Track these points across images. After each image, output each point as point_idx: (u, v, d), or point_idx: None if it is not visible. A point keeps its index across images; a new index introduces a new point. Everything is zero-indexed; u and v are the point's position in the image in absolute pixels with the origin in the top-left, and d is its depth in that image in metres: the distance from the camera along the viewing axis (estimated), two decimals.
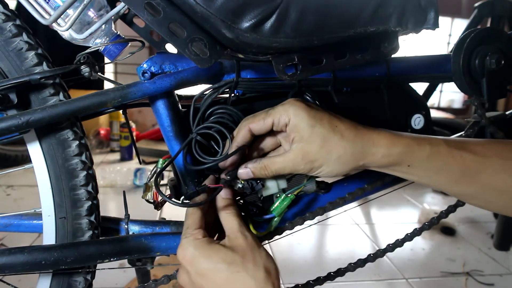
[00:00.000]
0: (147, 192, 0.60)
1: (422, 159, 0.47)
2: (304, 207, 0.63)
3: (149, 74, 0.54)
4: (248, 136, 0.49)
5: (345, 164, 0.47)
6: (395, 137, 0.47)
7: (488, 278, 1.56)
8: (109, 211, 1.95)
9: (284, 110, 0.47)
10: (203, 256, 0.44)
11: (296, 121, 0.46)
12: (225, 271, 0.43)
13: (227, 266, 0.43)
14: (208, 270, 0.43)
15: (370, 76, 0.65)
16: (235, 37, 0.44)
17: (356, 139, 0.46)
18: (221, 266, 0.43)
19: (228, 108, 0.56)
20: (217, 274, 0.43)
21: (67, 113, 0.53)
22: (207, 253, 0.44)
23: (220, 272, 0.43)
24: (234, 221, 0.47)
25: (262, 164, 0.49)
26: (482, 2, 1.56)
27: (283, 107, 0.47)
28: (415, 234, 0.66)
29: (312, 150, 0.46)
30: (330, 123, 0.46)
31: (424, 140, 0.47)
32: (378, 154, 0.46)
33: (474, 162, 0.47)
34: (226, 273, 0.43)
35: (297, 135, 0.46)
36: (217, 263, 0.43)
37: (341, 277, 0.62)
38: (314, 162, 0.46)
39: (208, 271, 0.44)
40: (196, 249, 0.44)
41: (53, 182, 0.57)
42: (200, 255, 0.44)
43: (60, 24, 0.52)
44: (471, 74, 0.62)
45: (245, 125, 0.49)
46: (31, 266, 0.53)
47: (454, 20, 3.95)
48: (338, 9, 0.47)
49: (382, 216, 2.14)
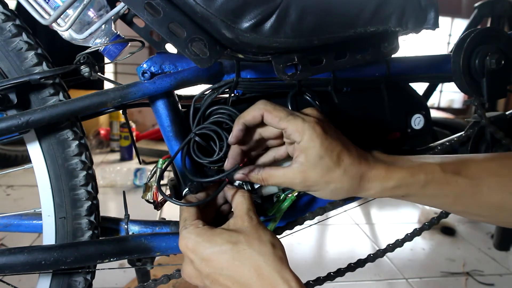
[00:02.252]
0: (147, 192, 0.60)
1: (417, 189, 0.48)
2: (304, 207, 0.63)
3: (149, 74, 0.54)
4: (259, 119, 0.48)
5: (338, 194, 0.48)
6: (390, 171, 0.47)
7: (488, 278, 1.56)
8: (109, 211, 1.95)
9: (302, 129, 0.45)
10: (207, 241, 0.44)
11: (307, 146, 0.45)
12: (230, 252, 0.42)
13: (232, 246, 0.43)
14: (213, 253, 0.43)
15: (370, 76, 0.65)
16: (235, 37, 0.44)
17: (356, 177, 0.47)
18: (226, 247, 0.43)
19: (227, 108, 0.56)
20: (222, 256, 0.43)
21: (67, 113, 0.53)
22: (210, 237, 0.44)
23: (226, 253, 0.43)
24: (245, 203, 0.47)
25: (260, 176, 0.49)
26: (482, 2, 1.56)
27: (303, 125, 0.45)
28: (415, 234, 0.66)
29: (312, 177, 0.46)
30: (339, 157, 0.46)
31: (419, 169, 0.48)
32: (371, 189, 0.48)
33: (469, 186, 0.47)
34: (231, 253, 0.42)
35: (304, 158, 0.46)
36: (221, 245, 0.43)
37: (341, 277, 0.62)
38: (310, 186, 0.47)
39: (213, 255, 0.43)
40: (199, 236, 0.44)
41: (53, 182, 0.57)
42: (203, 241, 0.44)
43: (60, 24, 0.52)
44: (471, 74, 0.62)
45: (261, 108, 0.47)
46: (31, 266, 0.53)
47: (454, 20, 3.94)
48: (338, 9, 0.47)
49: (382, 216, 2.14)
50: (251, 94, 0.60)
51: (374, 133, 0.67)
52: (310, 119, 0.46)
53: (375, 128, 0.67)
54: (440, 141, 0.71)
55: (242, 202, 0.48)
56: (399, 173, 0.47)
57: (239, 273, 0.42)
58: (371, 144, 0.68)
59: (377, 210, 2.21)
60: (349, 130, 0.65)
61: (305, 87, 0.60)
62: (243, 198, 0.48)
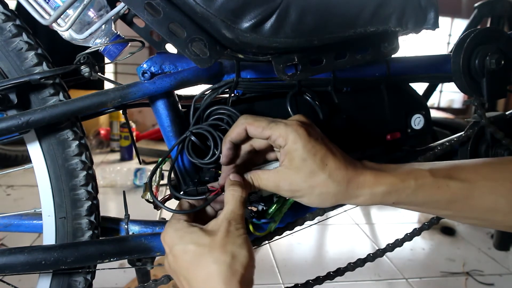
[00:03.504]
0: (147, 192, 0.60)
1: (407, 195, 0.47)
2: (304, 207, 0.63)
3: (149, 74, 0.54)
4: (242, 135, 0.48)
5: (325, 200, 0.47)
6: (380, 177, 0.46)
7: (488, 278, 1.56)
8: (109, 211, 1.95)
9: (285, 133, 0.45)
10: (179, 236, 0.44)
11: (290, 149, 0.45)
12: (192, 253, 0.42)
13: (195, 248, 0.42)
14: (179, 250, 0.43)
15: (370, 76, 0.65)
16: (235, 37, 0.44)
17: (342, 182, 0.45)
18: (190, 247, 0.42)
19: (227, 109, 0.56)
20: (185, 255, 0.43)
21: (67, 113, 0.53)
22: (182, 234, 0.44)
23: (187, 254, 0.42)
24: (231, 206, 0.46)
25: (248, 177, 0.49)
26: (482, 2, 1.56)
27: (286, 129, 0.45)
28: (415, 234, 0.66)
29: (296, 180, 0.45)
30: (322, 160, 0.45)
31: (409, 175, 0.47)
32: (360, 197, 0.47)
33: (461, 189, 0.47)
34: (192, 255, 0.42)
35: (288, 161, 0.46)
36: (187, 244, 0.43)
37: (341, 276, 0.62)
38: (295, 191, 0.46)
39: (178, 252, 0.43)
40: (175, 231, 0.44)
41: (53, 182, 0.57)
42: (176, 236, 0.44)
43: (60, 24, 0.52)
44: (471, 74, 0.62)
45: (243, 123, 0.48)
46: (31, 266, 0.53)
47: (454, 20, 3.94)
48: (338, 9, 0.47)
49: (382, 216, 2.14)
50: (251, 94, 0.60)
51: (374, 133, 0.67)
52: (292, 122, 0.46)
53: (375, 128, 0.67)
54: (440, 141, 0.71)
55: (228, 202, 0.47)
56: (388, 179, 0.46)
57: (193, 277, 0.42)
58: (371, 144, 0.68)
59: (377, 210, 2.21)
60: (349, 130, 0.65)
61: (305, 87, 0.60)
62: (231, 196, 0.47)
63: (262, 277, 1.43)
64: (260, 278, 1.42)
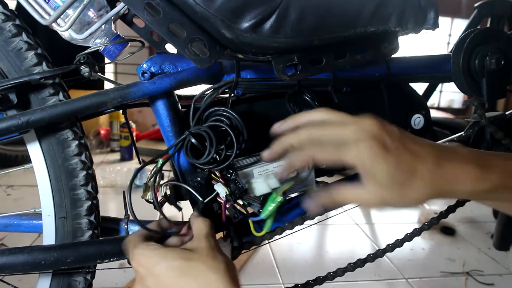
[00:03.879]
0: (147, 192, 0.60)
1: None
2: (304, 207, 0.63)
3: (149, 74, 0.54)
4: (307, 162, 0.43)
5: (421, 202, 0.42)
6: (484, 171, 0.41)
7: (488, 278, 1.56)
8: (109, 211, 1.95)
9: (359, 157, 0.40)
10: (159, 255, 0.43)
11: (372, 169, 0.40)
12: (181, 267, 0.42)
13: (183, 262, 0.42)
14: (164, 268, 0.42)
15: (370, 76, 0.65)
16: (235, 37, 0.44)
17: (438, 181, 0.40)
18: (178, 262, 0.42)
19: (226, 111, 0.55)
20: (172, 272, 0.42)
21: (67, 113, 0.53)
22: (163, 253, 0.43)
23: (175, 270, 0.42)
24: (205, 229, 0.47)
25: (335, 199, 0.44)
26: (482, 2, 1.56)
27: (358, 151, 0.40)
28: (415, 234, 0.65)
29: (388, 196, 0.40)
30: (410, 167, 0.40)
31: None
32: (458, 192, 0.41)
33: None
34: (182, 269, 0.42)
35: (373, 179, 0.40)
36: (173, 260, 0.42)
37: (341, 277, 0.62)
38: (389, 203, 0.41)
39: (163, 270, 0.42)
40: (152, 251, 0.44)
41: (52, 182, 0.57)
42: (156, 255, 0.43)
43: (60, 24, 0.52)
44: (471, 74, 0.62)
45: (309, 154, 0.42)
46: (31, 266, 0.53)
47: (454, 20, 3.94)
48: (338, 9, 0.47)
49: (382, 216, 2.14)
50: (251, 94, 0.60)
51: None
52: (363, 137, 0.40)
53: None
54: (440, 141, 0.71)
55: (202, 228, 0.47)
56: (495, 175, 0.40)
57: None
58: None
59: (377, 210, 2.21)
60: None
61: (305, 87, 0.60)
62: (203, 224, 0.48)
63: (262, 277, 1.43)
64: (260, 278, 1.42)
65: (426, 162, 0.40)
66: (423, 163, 0.40)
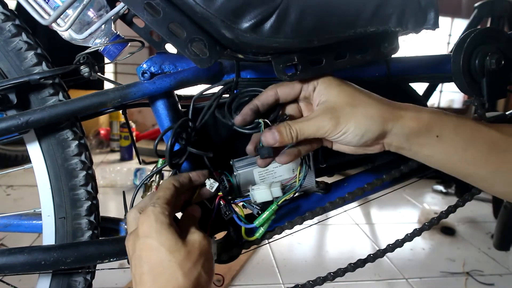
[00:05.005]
0: (147, 192, 0.60)
1: (450, 129, 0.46)
2: (303, 207, 0.63)
3: (148, 74, 0.54)
4: (271, 98, 0.50)
5: (372, 121, 0.45)
6: (421, 107, 0.47)
7: (488, 278, 1.56)
8: (109, 211, 1.95)
9: (314, 79, 0.49)
10: (157, 231, 0.43)
11: (324, 85, 0.48)
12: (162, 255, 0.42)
13: (167, 253, 0.42)
14: (151, 246, 0.43)
15: (370, 76, 0.65)
16: (235, 37, 0.44)
17: (383, 101, 0.47)
18: (162, 249, 0.42)
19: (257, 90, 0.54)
20: (154, 253, 0.42)
21: (66, 113, 0.53)
22: (161, 231, 0.43)
23: (158, 253, 0.42)
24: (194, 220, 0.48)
25: (286, 123, 0.47)
26: (482, 2, 1.56)
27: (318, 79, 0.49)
28: (415, 234, 0.65)
29: (338, 104, 0.46)
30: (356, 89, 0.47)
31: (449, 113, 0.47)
32: (406, 116, 0.46)
33: (501, 140, 0.46)
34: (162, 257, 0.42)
35: (324, 95, 0.47)
36: (161, 244, 0.42)
37: (341, 277, 0.62)
38: (339, 117, 0.45)
39: (149, 246, 0.43)
40: (157, 222, 0.43)
41: (52, 182, 0.57)
42: (155, 229, 0.43)
43: (59, 24, 0.52)
44: (471, 74, 0.62)
45: (273, 87, 0.50)
46: (31, 266, 0.53)
47: (454, 20, 3.94)
48: (338, 9, 0.47)
49: (382, 216, 2.14)
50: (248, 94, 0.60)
51: None
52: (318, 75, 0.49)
53: None
54: None
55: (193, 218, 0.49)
56: (431, 109, 0.47)
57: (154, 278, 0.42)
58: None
59: (377, 210, 2.21)
60: None
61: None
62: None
63: (262, 277, 1.43)
64: (260, 278, 1.42)
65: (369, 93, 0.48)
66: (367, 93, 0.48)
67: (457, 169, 0.48)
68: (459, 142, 0.46)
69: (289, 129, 0.46)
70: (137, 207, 0.50)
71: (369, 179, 0.63)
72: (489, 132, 0.46)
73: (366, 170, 0.68)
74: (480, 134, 0.46)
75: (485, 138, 0.46)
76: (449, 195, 2.51)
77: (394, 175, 0.61)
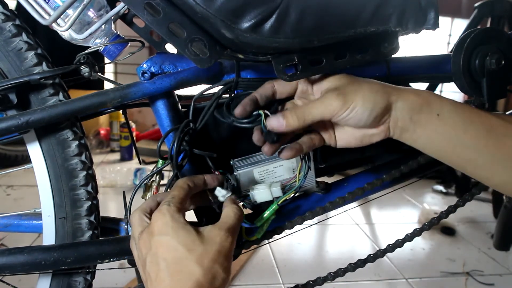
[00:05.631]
0: (147, 192, 0.60)
1: (449, 108, 0.46)
2: (303, 207, 0.63)
3: (149, 74, 0.54)
4: (269, 91, 0.51)
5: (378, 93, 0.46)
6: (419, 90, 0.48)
7: (488, 278, 1.56)
8: (109, 211, 1.95)
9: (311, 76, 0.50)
10: (173, 229, 0.43)
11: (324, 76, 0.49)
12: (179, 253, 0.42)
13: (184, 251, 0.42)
14: (168, 244, 0.42)
15: (370, 76, 0.64)
16: (235, 37, 0.44)
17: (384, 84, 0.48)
18: (180, 247, 0.42)
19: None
20: (171, 252, 0.42)
21: (67, 113, 0.53)
22: (178, 229, 0.43)
23: (175, 252, 0.42)
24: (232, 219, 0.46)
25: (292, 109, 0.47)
26: (482, 2, 1.56)
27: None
28: (415, 234, 0.65)
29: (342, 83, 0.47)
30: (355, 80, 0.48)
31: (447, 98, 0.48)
32: (407, 91, 0.48)
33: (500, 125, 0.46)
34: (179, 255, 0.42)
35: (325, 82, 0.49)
36: (179, 243, 0.42)
37: (341, 277, 0.62)
38: (346, 94, 0.46)
39: (166, 244, 0.42)
40: (173, 220, 0.43)
41: (53, 182, 0.57)
42: (171, 228, 0.43)
43: (60, 24, 0.52)
44: (471, 74, 0.62)
45: (271, 81, 0.52)
46: (31, 266, 0.53)
47: (454, 20, 3.94)
48: (338, 9, 0.47)
49: (382, 216, 2.14)
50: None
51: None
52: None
53: None
54: None
55: (231, 217, 0.46)
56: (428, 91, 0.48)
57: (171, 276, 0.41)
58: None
59: (377, 210, 2.21)
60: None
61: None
62: (233, 213, 0.47)
63: (262, 277, 1.43)
64: (260, 278, 1.42)
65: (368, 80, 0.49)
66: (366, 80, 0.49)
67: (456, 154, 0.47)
68: (458, 123, 0.46)
69: (294, 113, 0.46)
70: (141, 209, 0.49)
71: (369, 179, 0.63)
72: (487, 116, 0.46)
73: (366, 170, 0.68)
74: (479, 117, 0.46)
75: (483, 122, 0.46)
76: (449, 195, 2.51)
77: (394, 175, 0.61)
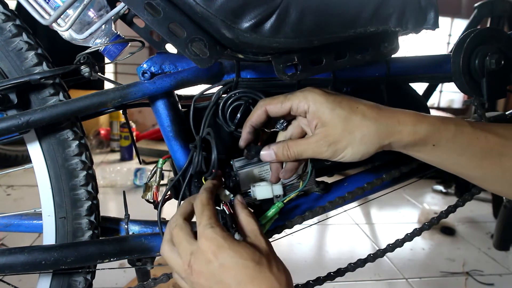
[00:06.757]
0: (147, 192, 0.60)
1: (447, 138, 0.46)
2: (303, 206, 0.63)
3: (149, 74, 0.54)
4: (263, 116, 0.50)
5: (370, 143, 0.46)
6: (420, 116, 0.47)
7: (488, 278, 1.56)
8: (109, 211, 1.95)
9: (303, 97, 0.47)
10: (232, 249, 0.43)
11: (315, 107, 0.46)
12: (251, 269, 0.42)
13: (255, 265, 0.42)
14: (237, 264, 0.42)
15: (370, 76, 0.65)
16: (235, 37, 0.44)
17: (379, 118, 0.46)
18: (250, 263, 0.42)
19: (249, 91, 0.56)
20: (243, 270, 0.42)
21: (67, 113, 0.53)
22: (235, 248, 0.43)
23: (247, 269, 0.42)
24: (255, 224, 0.47)
25: (285, 144, 0.49)
26: (482, 2, 1.56)
27: (302, 93, 0.47)
28: (415, 234, 0.66)
29: (334, 132, 0.46)
30: (350, 105, 0.46)
31: (449, 120, 0.47)
32: (404, 132, 0.46)
33: (497, 144, 0.46)
34: (252, 271, 0.42)
35: (319, 120, 0.47)
36: (246, 260, 0.42)
37: (341, 277, 0.62)
38: (337, 143, 0.46)
39: (236, 266, 0.42)
40: (225, 241, 0.43)
41: (53, 182, 0.57)
42: (229, 248, 0.43)
43: (60, 24, 0.52)
44: (471, 74, 0.62)
45: (262, 105, 0.50)
46: (31, 266, 0.53)
47: (454, 20, 3.94)
48: (338, 9, 0.47)
49: (382, 216, 2.14)
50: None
51: None
52: (306, 88, 0.48)
53: None
54: None
55: (253, 223, 0.47)
56: (430, 119, 0.46)
57: None
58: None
59: (377, 210, 2.21)
60: None
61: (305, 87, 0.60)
62: (252, 217, 0.48)
63: None
64: None
65: (366, 104, 0.47)
66: (363, 103, 0.47)
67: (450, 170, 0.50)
68: (455, 149, 0.47)
69: (286, 150, 0.49)
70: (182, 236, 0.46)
71: (369, 179, 0.63)
72: (486, 138, 0.47)
73: (366, 170, 0.68)
74: (477, 141, 0.46)
75: (481, 146, 0.47)
76: (449, 195, 2.51)
77: (394, 175, 0.61)
